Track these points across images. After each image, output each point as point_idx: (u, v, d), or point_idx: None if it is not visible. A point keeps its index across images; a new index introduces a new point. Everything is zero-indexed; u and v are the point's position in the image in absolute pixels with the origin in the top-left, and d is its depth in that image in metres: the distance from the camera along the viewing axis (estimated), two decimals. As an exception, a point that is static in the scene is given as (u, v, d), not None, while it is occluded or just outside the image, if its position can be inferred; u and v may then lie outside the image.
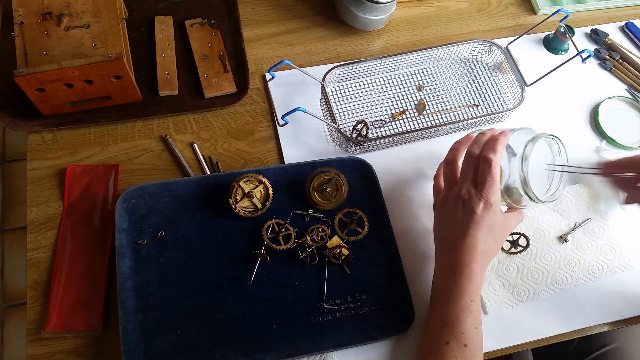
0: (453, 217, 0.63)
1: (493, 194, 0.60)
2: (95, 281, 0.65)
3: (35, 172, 0.72)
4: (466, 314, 0.58)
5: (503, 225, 0.63)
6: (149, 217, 0.68)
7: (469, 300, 0.59)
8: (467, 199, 0.61)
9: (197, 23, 0.84)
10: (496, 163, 0.61)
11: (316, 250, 0.67)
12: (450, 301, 0.60)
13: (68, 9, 0.72)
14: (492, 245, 0.62)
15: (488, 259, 0.62)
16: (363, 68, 0.81)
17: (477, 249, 0.60)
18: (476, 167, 0.62)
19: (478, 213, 0.60)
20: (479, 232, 0.60)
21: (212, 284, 0.65)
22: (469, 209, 0.61)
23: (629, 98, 0.85)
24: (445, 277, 0.62)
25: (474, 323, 0.59)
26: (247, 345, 0.62)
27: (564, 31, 0.85)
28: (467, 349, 0.57)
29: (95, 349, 0.63)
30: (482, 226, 0.60)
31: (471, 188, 0.62)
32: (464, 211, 0.61)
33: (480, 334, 0.59)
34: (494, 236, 0.62)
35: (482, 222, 0.60)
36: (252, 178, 0.68)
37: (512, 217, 0.65)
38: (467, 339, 0.58)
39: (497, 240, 0.63)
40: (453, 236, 0.62)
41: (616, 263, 0.71)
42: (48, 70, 0.65)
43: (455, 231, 0.62)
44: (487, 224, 0.61)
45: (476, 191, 0.61)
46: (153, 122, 0.77)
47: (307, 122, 0.78)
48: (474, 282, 0.60)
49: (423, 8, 0.93)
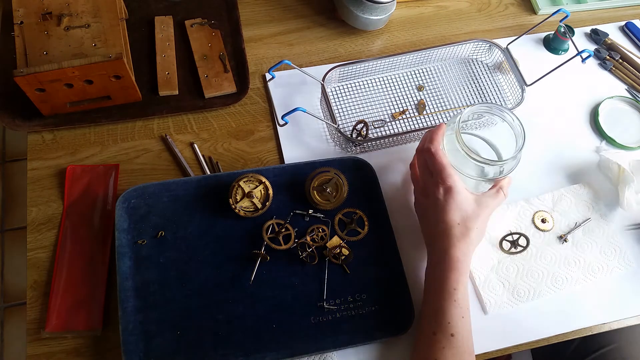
0: (425, 211, 0.65)
1: (448, 176, 0.62)
2: (95, 281, 0.65)
3: (35, 172, 0.72)
4: (449, 303, 0.59)
5: (477, 205, 0.63)
6: (149, 217, 0.68)
7: (452, 289, 0.59)
8: (428, 191, 0.64)
9: (197, 23, 0.84)
10: (435, 148, 0.63)
11: (316, 250, 0.67)
12: (433, 292, 0.61)
13: (68, 9, 0.72)
14: (470, 225, 0.61)
15: (470, 242, 0.62)
16: (363, 68, 0.81)
17: (452, 233, 0.61)
18: (425, 161, 0.65)
19: (440, 198, 0.62)
20: (447, 217, 0.61)
21: (212, 284, 0.65)
22: (433, 198, 0.63)
23: (629, 98, 0.85)
24: (431, 270, 0.63)
25: (460, 312, 0.59)
26: (247, 345, 0.62)
27: (564, 31, 0.85)
28: (454, 338, 0.57)
29: (95, 349, 0.63)
30: (449, 209, 0.61)
31: (428, 179, 0.64)
32: (429, 202, 0.64)
33: (468, 323, 0.59)
34: (468, 217, 0.62)
35: (448, 206, 0.61)
36: (252, 178, 0.68)
37: (488, 195, 0.65)
38: (454, 329, 0.58)
39: (474, 220, 0.62)
40: (429, 229, 0.64)
41: (616, 263, 0.71)
42: (48, 70, 0.65)
43: (430, 225, 0.64)
44: (454, 206, 0.61)
45: (432, 180, 0.63)
46: (153, 122, 0.77)
47: (307, 122, 0.78)
48: (456, 269, 0.60)
49: (423, 8, 0.93)
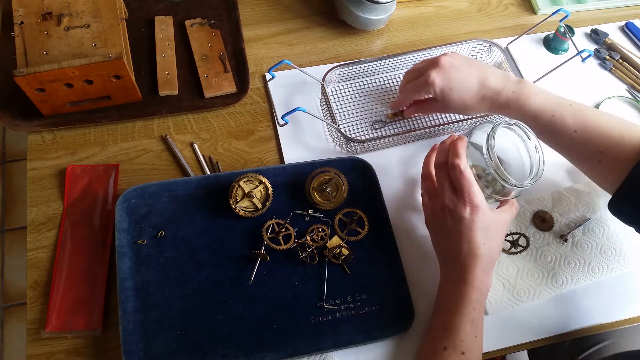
0: (445, 228, 0.62)
1: (475, 195, 0.60)
2: (95, 281, 0.65)
3: (35, 172, 0.72)
4: (466, 322, 0.58)
5: (497, 223, 0.62)
6: (149, 217, 0.68)
7: (471, 309, 0.59)
8: (452, 208, 0.61)
9: (197, 23, 0.84)
10: (464, 165, 0.61)
11: (316, 250, 0.67)
12: (452, 308, 0.59)
13: (68, 9, 0.72)
14: (493, 245, 0.61)
15: (492, 262, 0.62)
16: (363, 68, 0.81)
17: (478, 253, 0.60)
18: (448, 176, 0.62)
19: (467, 218, 0.60)
20: (474, 237, 0.60)
21: (212, 284, 0.65)
22: (458, 217, 0.61)
23: (629, 98, 0.85)
24: (451, 287, 0.61)
25: (474, 332, 0.58)
26: (247, 345, 0.62)
27: (564, 31, 0.85)
28: (464, 356, 0.57)
29: (95, 349, 0.63)
30: (476, 229, 0.60)
31: (452, 196, 0.61)
32: (453, 220, 0.61)
33: (480, 343, 0.59)
34: (491, 236, 0.61)
35: (474, 226, 0.60)
36: (252, 178, 0.68)
37: (504, 212, 0.64)
38: (465, 347, 0.57)
39: (496, 238, 0.62)
40: (451, 247, 0.62)
41: (616, 263, 0.71)
42: (48, 70, 0.65)
43: (451, 242, 0.62)
44: (480, 225, 0.60)
45: (458, 197, 0.61)
46: (153, 122, 0.77)
47: (307, 122, 0.78)
48: (478, 290, 0.59)
49: (423, 8, 0.93)
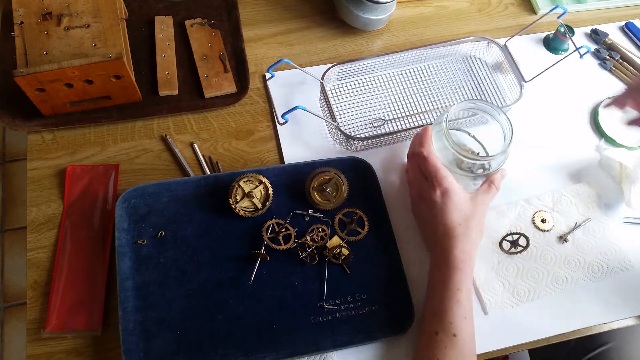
0: (423, 215, 0.66)
1: (444, 178, 0.63)
2: (95, 281, 0.66)
3: (35, 172, 0.72)
4: (453, 303, 0.59)
5: (473, 203, 0.64)
6: (149, 217, 0.68)
7: (455, 289, 0.60)
8: (425, 195, 0.64)
9: (197, 23, 0.84)
10: (427, 152, 0.64)
11: (316, 250, 0.67)
12: (437, 292, 0.61)
13: (68, 9, 0.72)
14: (470, 225, 0.62)
15: (472, 242, 0.62)
16: (362, 66, 0.81)
17: (454, 234, 0.61)
18: (419, 165, 0.66)
19: (438, 201, 0.63)
20: (447, 219, 0.62)
21: (212, 284, 0.65)
22: (430, 202, 0.64)
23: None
24: (434, 272, 0.63)
25: (463, 312, 0.59)
26: (247, 345, 0.62)
27: (563, 31, 0.85)
28: (456, 338, 0.58)
29: (95, 349, 0.63)
30: (448, 211, 0.62)
31: (423, 183, 0.65)
32: (427, 206, 0.64)
33: (471, 324, 0.60)
34: (467, 216, 0.63)
35: (446, 207, 0.62)
36: (252, 178, 0.68)
37: (481, 192, 0.66)
38: (456, 329, 0.58)
39: (474, 219, 0.63)
40: (430, 232, 0.65)
41: (616, 263, 0.71)
42: (48, 70, 0.65)
43: (430, 227, 0.64)
44: (452, 207, 0.62)
45: (427, 183, 0.64)
46: (153, 122, 0.77)
47: (307, 122, 0.78)
48: (460, 270, 0.60)
49: (423, 8, 0.93)
